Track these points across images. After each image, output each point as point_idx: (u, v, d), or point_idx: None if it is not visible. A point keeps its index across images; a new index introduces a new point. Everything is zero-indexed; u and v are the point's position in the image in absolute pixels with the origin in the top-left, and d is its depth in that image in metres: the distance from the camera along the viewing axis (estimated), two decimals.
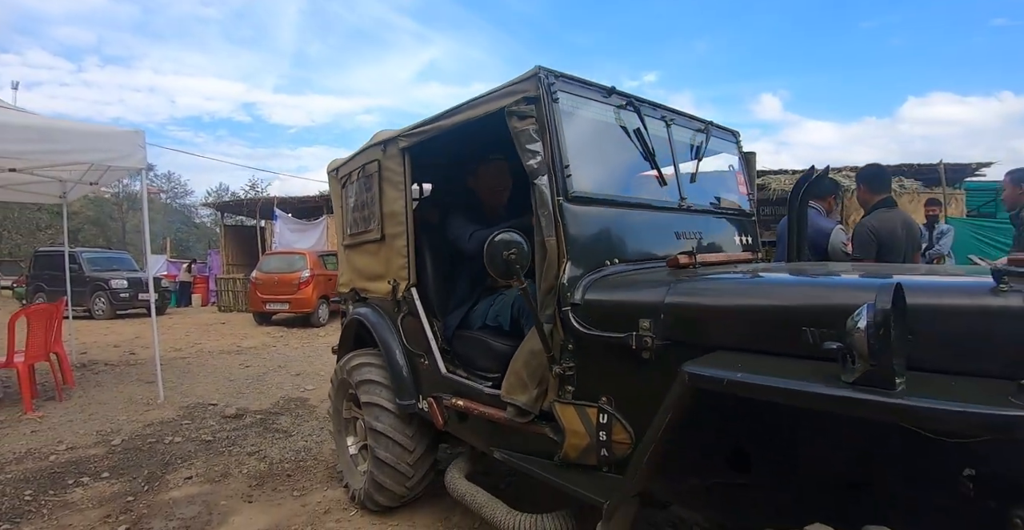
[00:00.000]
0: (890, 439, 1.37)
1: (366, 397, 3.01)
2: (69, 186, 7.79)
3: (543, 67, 2.05)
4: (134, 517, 3.23)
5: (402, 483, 2.93)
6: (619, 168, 2.37)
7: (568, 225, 1.94)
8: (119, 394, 6.16)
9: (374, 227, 3.14)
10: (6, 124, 5.13)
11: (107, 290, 14.29)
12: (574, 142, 2.07)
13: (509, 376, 2.12)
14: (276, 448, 4.34)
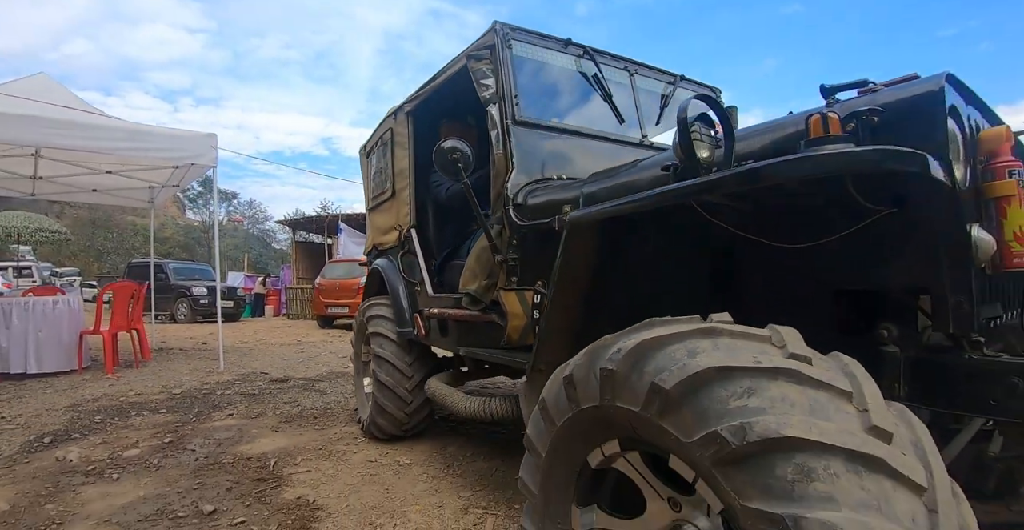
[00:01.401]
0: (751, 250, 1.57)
1: (373, 328, 3.43)
2: (156, 191, 8.81)
3: (499, 21, 2.47)
4: (178, 435, 3.76)
5: (401, 408, 3.30)
6: (575, 105, 2.72)
7: (514, 143, 2.31)
8: (186, 365, 6.89)
9: (388, 187, 3.60)
10: (102, 125, 6.05)
11: (189, 297, 15.56)
12: (527, 81, 2.46)
13: (465, 272, 2.49)
14: (310, 401, 4.83)
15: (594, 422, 1.20)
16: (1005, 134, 1.29)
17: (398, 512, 2.51)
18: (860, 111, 1.21)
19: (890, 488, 0.81)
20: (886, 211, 1.22)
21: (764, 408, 0.88)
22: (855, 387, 0.93)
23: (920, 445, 0.89)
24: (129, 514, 2.53)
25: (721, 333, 1.05)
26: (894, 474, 0.82)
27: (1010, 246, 1.25)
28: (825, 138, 1.12)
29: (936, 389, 1.26)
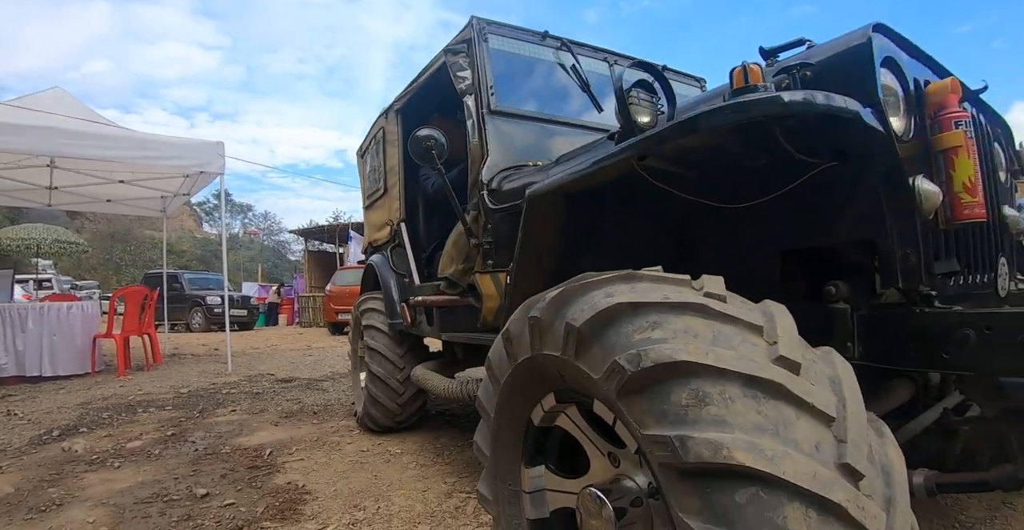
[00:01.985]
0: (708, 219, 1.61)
1: (366, 321, 3.52)
2: (168, 200, 9.02)
3: (476, 16, 2.56)
4: (181, 429, 3.86)
5: (394, 400, 3.38)
6: (553, 95, 2.78)
7: (488, 132, 2.39)
8: (196, 368, 7.05)
9: (381, 184, 3.70)
10: (113, 135, 6.26)
11: (203, 306, 15.81)
12: (504, 72, 2.54)
13: (443, 257, 2.57)
14: (311, 398, 4.93)
15: (530, 376, 1.25)
16: (951, 86, 1.30)
17: (383, 496, 2.58)
18: (791, 65, 1.24)
19: (792, 415, 0.82)
20: (825, 165, 1.23)
21: (666, 338, 0.90)
22: (768, 323, 0.94)
23: (838, 381, 0.89)
24: (126, 497, 2.63)
25: (642, 278, 1.07)
26: (797, 401, 0.82)
27: (960, 197, 1.26)
28: (746, 88, 1.14)
29: (890, 346, 1.27)
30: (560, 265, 1.79)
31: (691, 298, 0.98)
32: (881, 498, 0.79)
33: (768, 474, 0.74)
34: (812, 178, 1.25)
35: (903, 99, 1.27)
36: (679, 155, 1.33)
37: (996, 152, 1.78)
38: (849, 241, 1.35)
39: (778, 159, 1.25)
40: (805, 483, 0.74)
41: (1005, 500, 2.28)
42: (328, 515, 2.37)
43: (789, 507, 0.74)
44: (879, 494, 0.79)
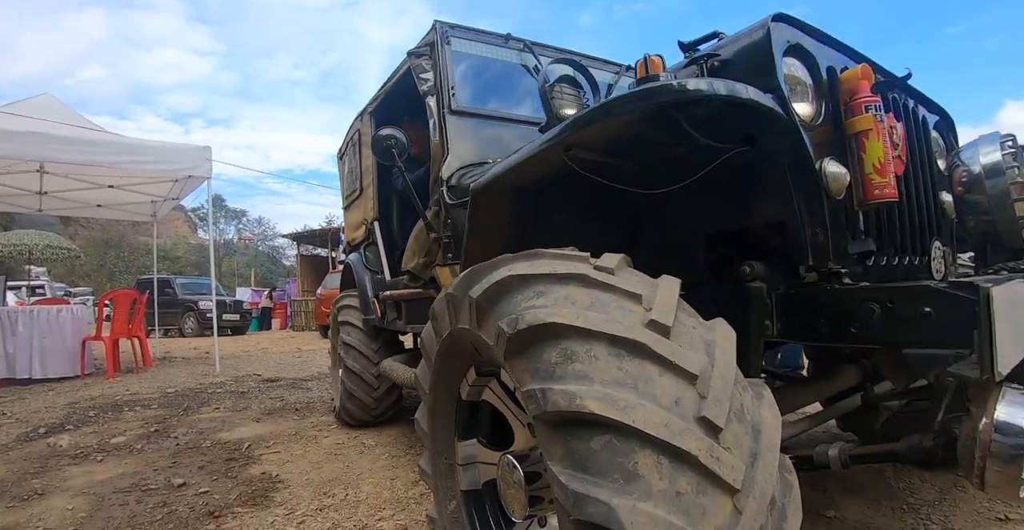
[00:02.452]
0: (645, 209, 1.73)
1: (342, 318, 3.63)
2: (158, 205, 9.11)
3: (439, 20, 2.68)
4: (165, 426, 3.96)
5: (368, 393, 3.48)
6: (517, 95, 2.89)
7: (449, 131, 2.50)
8: (184, 370, 7.14)
9: (357, 185, 3.81)
10: (101, 140, 6.37)
11: (196, 310, 15.88)
12: (465, 74, 2.66)
13: (406, 252, 2.68)
14: (295, 396, 5.03)
15: (453, 351, 1.36)
16: (861, 72, 1.37)
17: (352, 484, 2.68)
18: (700, 56, 1.35)
19: (654, 372, 0.88)
20: (735, 150, 1.32)
21: (546, 305, 0.99)
22: (649, 292, 1.00)
23: (713, 345, 0.95)
24: (106, 487, 2.73)
25: (543, 256, 1.15)
26: (660, 360, 0.88)
27: (870, 178, 1.32)
28: (648, 78, 1.24)
29: (805, 323, 1.33)
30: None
31: (576, 270, 1.05)
32: (745, 452, 0.85)
33: (619, 422, 0.81)
34: (730, 164, 1.33)
35: (812, 86, 1.34)
36: (604, 146, 1.42)
37: (935, 139, 1.89)
38: (764, 223, 1.43)
39: (696, 147, 1.32)
40: (656, 432, 0.80)
41: (957, 483, 2.35)
42: (297, 501, 2.47)
43: (641, 454, 0.80)
44: (744, 448, 0.85)
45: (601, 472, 0.81)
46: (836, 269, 1.30)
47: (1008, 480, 0.97)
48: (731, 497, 0.80)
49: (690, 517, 0.77)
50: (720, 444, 0.82)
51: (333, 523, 2.23)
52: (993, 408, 0.99)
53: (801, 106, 1.30)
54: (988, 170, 1.44)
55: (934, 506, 2.17)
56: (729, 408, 0.86)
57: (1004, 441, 0.96)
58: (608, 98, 1.25)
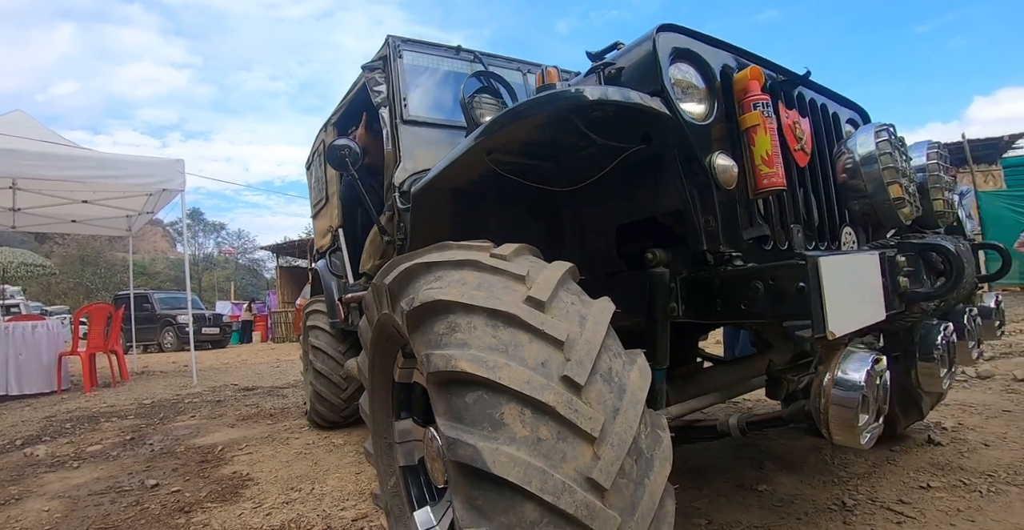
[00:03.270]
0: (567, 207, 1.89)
1: (310, 322, 3.76)
2: (133, 219, 9.13)
3: (392, 35, 2.84)
4: (140, 434, 4.06)
5: (337, 394, 3.61)
6: None
7: (401, 139, 2.65)
8: (162, 382, 7.19)
9: (323, 193, 3.95)
10: (73, 155, 6.43)
11: (174, 325, 15.80)
12: (418, 85, 2.81)
13: (363, 254, 2.82)
14: (270, 403, 5.13)
15: (382, 337, 1.51)
16: (751, 73, 1.48)
17: (319, 479, 2.81)
18: (598, 65, 1.51)
19: (525, 339, 1.02)
20: (634, 148, 1.48)
21: (441, 287, 1.14)
22: (533, 274, 1.14)
23: (587, 318, 1.08)
24: (81, 490, 2.83)
25: (451, 247, 1.29)
26: (530, 329, 1.02)
27: (759, 169, 1.43)
28: (544, 86, 1.40)
29: (704, 304, 1.43)
30: None
31: (470, 257, 1.20)
32: (608, 407, 0.98)
33: (488, 379, 0.96)
34: (634, 161, 1.49)
35: (704, 87, 1.48)
36: (520, 148, 1.57)
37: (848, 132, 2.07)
38: (665, 212, 1.57)
39: (602, 147, 1.47)
40: (519, 387, 0.94)
41: (890, 458, 2.49)
42: (265, 496, 2.59)
43: (507, 406, 0.94)
44: (606, 404, 0.99)
45: (473, 422, 0.96)
46: (729, 253, 1.42)
47: (847, 428, 1.13)
48: (590, 444, 0.93)
49: (550, 460, 0.91)
50: (581, 398, 0.96)
51: (298, 514, 2.35)
52: (835, 366, 1.15)
53: (692, 106, 1.43)
54: (864, 158, 1.59)
55: (864, 478, 2.29)
56: (593, 369, 0.99)
57: (841, 394, 1.13)
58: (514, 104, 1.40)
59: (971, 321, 1.70)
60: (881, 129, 1.60)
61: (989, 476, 2.16)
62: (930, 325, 1.53)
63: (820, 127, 1.84)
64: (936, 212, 1.80)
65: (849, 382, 1.13)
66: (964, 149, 10.95)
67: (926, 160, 1.78)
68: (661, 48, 1.40)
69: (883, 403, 1.19)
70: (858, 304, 1.18)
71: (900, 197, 1.55)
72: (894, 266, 1.31)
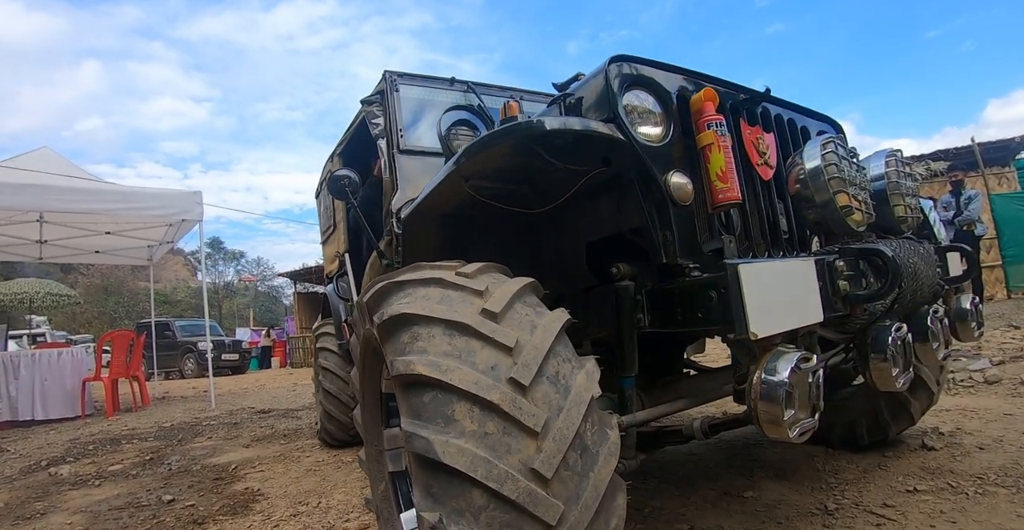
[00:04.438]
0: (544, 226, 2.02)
1: (320, 344, 3.92)
2: (154, 249, 9.45)
3: (388, 70, 3.03)
4: (159, 455, 4.21)
5: (345, 413, 3.74)
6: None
7: (398, 168, 2.82)
8: (182, 407, 7.38)
9: (331, 221, 4.13)
10: (97, 189, 6.74)
11: (195, 352, 16.10)
12: (413, 117, 2.99)
13: (363, 278, 2.97)
14: (284, 424, 5.27)
15: (368, 351, 1.64)
16: (704, 95, 1.56)
17: (326, 494, 2.93)
18: (558, 97, 1.65)
19: (477, 346, 1.13)
20: (595, 170, 1.60)
21: (408, 302, 1.28)
22: (492, 290, 1.26)
23: (537, 327, 1.20)
24: (102, 506, 2.98)
25: (423, 267, 1.41)
26: (482, 337, 1.14)
27: (715, 185, 1.51)
28: (507, 119, 1.54)
29: (667, 314, 1.50)
30: None
31: (435, 274, 1.33)
32: (551, 406, 1.09)
33: (441, 381, 1.07)
34: (598, 182, 1.62)
35: (660, 110, 1.58)
36: (494, 174, 1.70)
37: None
38: (628, 229, 1.68)
39: (568, 171, 1.59)
40: (468, 387, 1.06)
41: (881, 463, 2.52)
42: (274, 510, 2.72)
43: (458, 404, 1.06)
44: (550, 403, 1.10)
45: (428, 418, 1.08)
46: (687, 265, 1.50)
47: (775, 423, 1.23)
48: (533, 438, 1.05)
49: (495, 451, 1.03)
50: (526, 398, 1.08)
51: (304, 525, 2.48)
52: (763, 365, 1.26)
53: (648, 128, 1.54)
54: (812, 170, 1.68)
55: (852, 483, 2.32)
56: (539, 371, 1.11)
57: (767, 390, 1.23)
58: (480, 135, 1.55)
59: (935, 322, 1.79)
60: (828, 141, 1.70)
61: (978, 479, 2.19)
62: (882, 326, 1.62)
63: (787, 140, 1.95)
64: (898, 217, 1.89)
65: (774, 380, 1.23)
66: (975, 152, 10.91)
67: (885, 168, 1.88)
68: (613, 78, 1.52)
69: (816, 400, 1.28)
70: (786, 307, 1.28)
71: (847, 205, 1.64)
72: (833, 270, 1.41)
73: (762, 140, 1.75)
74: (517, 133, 1.43)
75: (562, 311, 1.31)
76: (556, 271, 1.97)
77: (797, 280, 1.32)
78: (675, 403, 1.74)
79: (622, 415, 1.52)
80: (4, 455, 4.63)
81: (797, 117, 2.03)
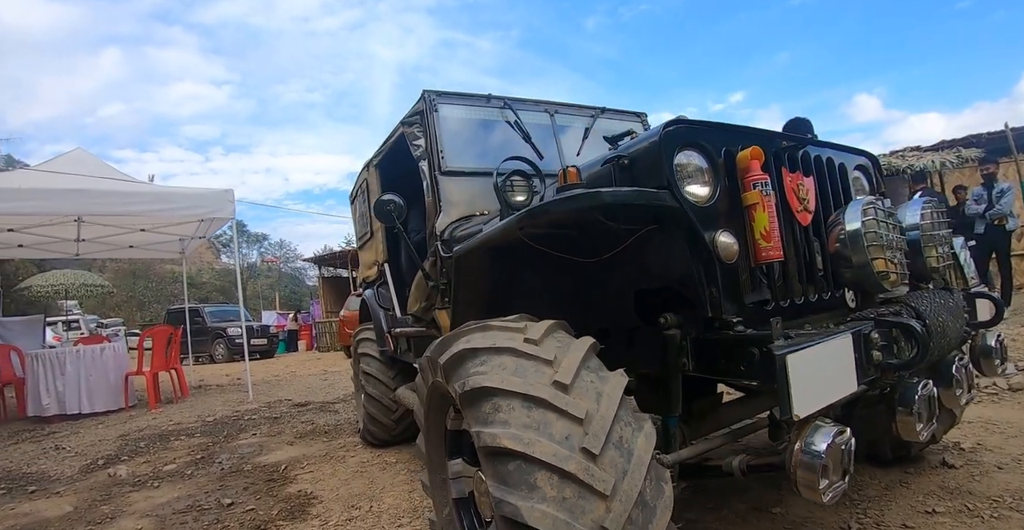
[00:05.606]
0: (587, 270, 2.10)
1: (362, 350, 4.07)
2: (186, 242, 9.66)
3: (427, 90, 3.09)
4: (209, 453, 4.43)
5: (387, 416, 3.90)
6: (499, 149, 3.23)
7: (440, 190, 2.90)
8: (220, 398, 7.66)
9: (368, 228, 4.25)
10: (133, 192, 6.92)
11: (225, 337, 16.53)
12: (452, 136, 3.05)
13: (410, 297, 3.09)
14: (323, 419, 5.48)
15: (436, 395, 1.77)
16: (751, 154, 1.65)
17: (376, 497, 3.09)
18: (613, 157, 1.74)
19: (553, 418, 1.27)
20: (644, 229, 1.69)
21: (485, 371, 1.41)
22: (560, 358, 1.39)
23: (602, 394, 1.34)
24: (166, 509, 3.17)
25: (491, 327, 1.56)
26: (557, 410, 1.27)
27: (759, 243, 1.62)
28: (568, 186, 1.64)
29: (711, 362, 1.60)
30: (488, 303, 2.30)
31: (509, 344, 1.45)
32: (618, 470, 1.22)
33: (524, 453, 1.22)
34: (647, 237, 1.71)
35: (708, 169, 1.67)
36: (547, 226, 1.82)
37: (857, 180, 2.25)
38: (677, 282, 1.77)
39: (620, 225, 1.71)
40: (548, 459, 1.20)
41: (903, 480, 2.59)
42: (329, 514, 2.89)
43: (539, 473, 1.21)
44: (616, 467, 1.23)
45: (514, 485, 1.22)
46: (730, 319, 1.59)
47: (811, 488, 1.35)
48: (604, 500, 1.19)
49: (573, 514, 1.17)
50: (597, 465, 1.21)
51: None
52: (803, 436, 1.37)
53: (697, 188, 1.63)
54: (851, 233, 1.74)
55: (874, 501, 2.41)
56: (607, 439, 1.24)
57: (807, 461, 1.35)
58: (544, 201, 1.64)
59: (959, 371, 1.87)
60: (869, 206, 1.74)
61: (995, 501, 2.26)
62: (909, 384, 1.70)
63: (826, 181, 2.01)
64: (930, 268, 1.95)
65: (813, 452, 1.34)
66: (1008, 138, 10.63)
67: (920, 220, 1.93)
68: (666, 142, 1.60)
69: (848, 465, 1.39)
70: (826, 384, 1.38)
71: (883, 271, 1.71)
72: (868, 342, 1.50)
73: (802, 186, 1.81)
74: (578, 203, 1.51)
75: (621, 374, 1.42)
76: (602, 310, 2.06)
77: (837, 358, 1.41)
78: (713, 439, 1.83)
79: (666, 452, 1.62)
80: (60, 453, 4.88)
81: (836, 154, 2.08)
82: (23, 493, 3.71)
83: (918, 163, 10.92)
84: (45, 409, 6.63)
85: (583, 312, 1.78)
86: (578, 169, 1.67)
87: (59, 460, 4.61)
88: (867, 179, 2.34)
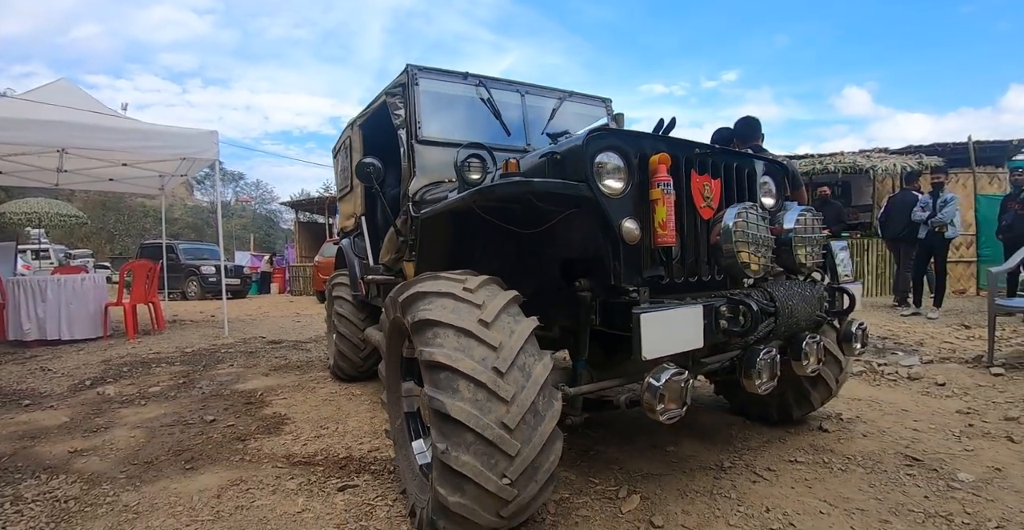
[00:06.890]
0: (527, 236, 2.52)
1: (336, 293, 4.48)
2: (166, 179, 9.81)
3: (410, 64, 3.40)
4: (190, 379, 4.84)
5: (356, 353, 4.34)
6: (472, 123, 3.58)
7: (416, 156, 3.26)
8: (196, 333, 8.02)
9: (349, 182, 4.58)
10: (118, 128, 7.04)
11: (198, 275, 16.72)
12: (430, 108, 3.39)
13: (382, 249, 3.49)
14: (296, 356, 5.91)
15: (396, 328, 2.19)
16: (659, 159, 2.02)
17: (342, 420, 3.55)
18: (547, 152, 2.14)
19: (475, 344, 1.68)
20: (567, 210, 2.13)
21: (431, 309, 1.82)
22: (487, 303, 1.80)
23: (514, 331, 1.74)
24: (154, 423, 3.59)
25: (440, 277, 1.98)
26: (478, 339, 1.68)
27: (656, 231, 2.00)
28: (508, 174, 2.03)
29: (610, 318, 2.03)
30: (448, 260, 2.71)
31: (451, 290, 1.87)
32: (517, 385, 1.65)
33: (451, 366, 1.65)
34: (570, 217, 2.15)
35: (623, 169, 2.04)
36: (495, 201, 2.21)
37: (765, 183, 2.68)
38: (591, 255, 2.17)
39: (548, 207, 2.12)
40: (469, 371, 1.63)
41: (780, 437, 3.00)
42: (301, 431, 3.34)
43: (461, 382, 1.63)
44: (517, 383, 1.66)
45: (443, 389, 1.66)
46: (627, 288, 1.99)
47: (652, 408, 1.79)
48: (505, 404, 1.64)
49: (482, 411, 1.62)
50: (503, 380, 1.66)
51: (327, 445, 3.10)
52: (652, 373, 1.82)
53: (613, 182, 2.01)
54: (724, 230, 2.14)
55: (752, 450, 2.81)
56: (512, 363, 1.68)
57: (650, 389, 1.80)
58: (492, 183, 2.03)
59: (809, 346, 2.33)
60: (743, 209, 2.15)
61: (848, 459, 2.66)
62: (756, 349, 2.14)
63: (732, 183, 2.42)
64: (798, 262, 2.40)
65: (654, 385, 1.79)
66: (969, 150, 11.33)
67: (795, 224, 2.38)
68: (589, 147, 1.99)
69: (685, 398, 1.84)
70: (674, 339, 1.79)
71: (746, 261, 2.14)
72: (717, 313, 1.93)
73: (708, 187, 2.23)
74: (516, 188, 1.93)
75: (533, 319, 1.85)
76: (536, 272, 2.49)
77: (686, 321, 1.84)
78: (610, 381, 2.25)
79: (572, 386, 2.08)
80: (48, 374, 5.23)
81: (747, 162, 2.50)
82: (18, 406, 4.07)
83: (881, 165, 11.51)
84: (26, 334, 6.93)
85: (522, 274, 2.20)
86: (518, 161, 2.06)
87: (47, 380, 4.96)
88: (775, 183, 2.77)
